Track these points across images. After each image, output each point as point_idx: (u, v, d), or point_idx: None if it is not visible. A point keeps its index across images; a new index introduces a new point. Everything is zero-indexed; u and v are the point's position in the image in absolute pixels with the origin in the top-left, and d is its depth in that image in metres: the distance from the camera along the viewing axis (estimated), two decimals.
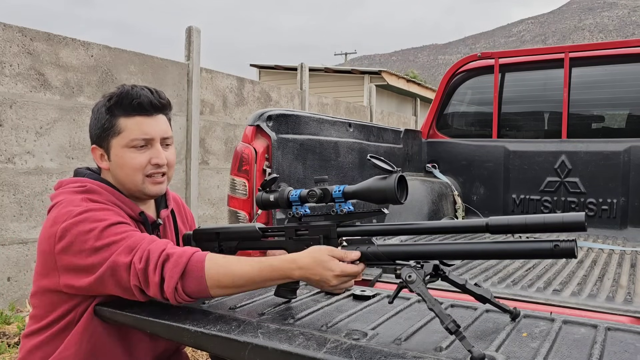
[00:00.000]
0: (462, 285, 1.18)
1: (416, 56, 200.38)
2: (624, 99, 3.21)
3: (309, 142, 2.26)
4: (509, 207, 3.23)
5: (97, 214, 1.34)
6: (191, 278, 1.23)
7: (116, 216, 1.36)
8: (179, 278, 1.23)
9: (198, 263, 1.24)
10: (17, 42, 3.92)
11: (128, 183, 1.47)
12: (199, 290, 1.24)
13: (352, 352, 1.02)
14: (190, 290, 1.24)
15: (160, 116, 1.49)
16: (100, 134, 1.46)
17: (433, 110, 3.58)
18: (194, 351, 3.11)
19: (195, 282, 1.23)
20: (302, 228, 1.32)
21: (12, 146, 3.87)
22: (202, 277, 1.23)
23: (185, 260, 1.24)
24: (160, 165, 1.47)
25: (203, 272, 1.23)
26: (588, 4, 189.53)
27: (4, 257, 3.80)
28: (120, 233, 1.30)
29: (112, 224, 1.32)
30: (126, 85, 1.48)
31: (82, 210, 1.34)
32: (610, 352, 1.03)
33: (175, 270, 1.23)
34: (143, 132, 1.44)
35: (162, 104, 1.49)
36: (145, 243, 1.28)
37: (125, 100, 1.43)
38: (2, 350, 3.06)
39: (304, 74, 7.55)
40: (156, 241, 1.30)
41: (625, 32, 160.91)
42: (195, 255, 1.26)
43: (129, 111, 1.44)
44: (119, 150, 1.45)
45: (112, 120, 1.44)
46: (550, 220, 1.00)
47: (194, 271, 1.23)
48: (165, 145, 1.50)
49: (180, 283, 1.23)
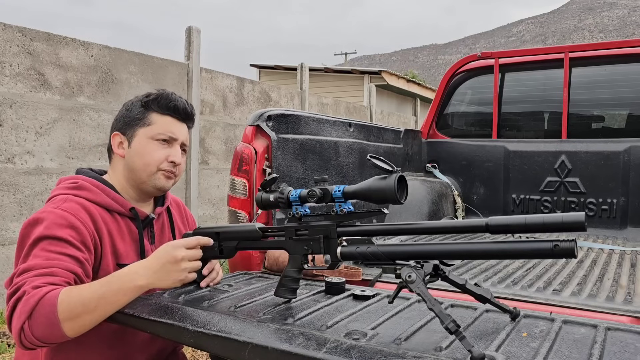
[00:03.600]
0: (462, 285, 1.18)
1: (416, 56, 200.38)
2: (624, 99, 3.20)
3: (309, 142, 2.26)
4: (509, 207, 3.23)
5: (53, 220, 1.34)
6: (40, 316, 1.18)
7: (68, 230, 1.34)
8: (26, 318, 1.18)
9: (50, 300, 1.19)
10: (17, 42, 3.92)
11: (141, 171, 1.52)
12: (50, 332, 1.19)
13: (352, 352, 1.02)
14: (39, 333, 1.19)
15: (185, 125, 1.61)
16: (129, 122, 1.54)
17: (433, 110, 3.58)
18: (194, 351, 3.11)
19: (44, 320, 1.18)
20: (302, 228, 1.32)
21: (12, 146, 3.87)
22: (53, 312, 1.18)
23: (36, 299, 1.19)
24: (176, 163, 1.55)
25: (55, 307, 1.19)
26: (588, 4, 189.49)
27: (4, 257, 3.80)
28: (47, 250, 1.30)
29: (51, 237, 1.31)
30: (167, 90, 1.59)
31: (48, 210, 1.37)
32: (610, 352, 1.03)
33: (24, 310, 1.18)
34: (170, 130, 1.54)
35: (192, 115, 1.62)
36: (33, 274, 1.24)
37: (163, 100, 1.55)
38: (2, 350, 3.06)
39: (303, 74, 7.55)
40: (40, 278, 1.24)
41: (625, 32, 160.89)
42: (49, 294, 1.20)
43: (163, 109, 1.55)
44: (143, 139, 1.52)
45: (145, 113, 1.54)
46: (550, 220, 1.00)
47: (44, 309, 1.18)
48: (183, 150, 1.60)
49: (28, 324, 1.18)
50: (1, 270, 3.79)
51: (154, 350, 1.54)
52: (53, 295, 1.21)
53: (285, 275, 1.34)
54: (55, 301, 1.20)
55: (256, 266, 1.91)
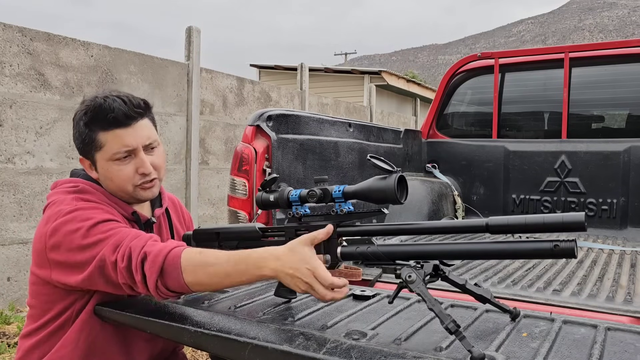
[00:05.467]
0: (462, 285, 1.18)
1: (416, 56, 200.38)
2: (624, 99, 3.21)
3: (309, 142, 2.25)
4: (509, 207, 3.23)
5: (86, 212, 1.35)
6: (169, 275, 1.24)
7: (104, 214, 1.37)
8: (157, 276, 1.23)
9: (175, 259, 1.24)
10: (17, 42, 3.92)
11: (119, 192, 1.48)
12: (179, 286, 1.25)
13: (352, 352, 1.02)
14: (171, 286, 1.25)
15: (139, 123, 1.45)
16: (84, 148, 1.46)
17: (433, 110, 3.58)
18: (194, 351, 3.11)
19: (173, 279, 1.24)
20: (302, 228, 1.32)
21: (12, 146, 3.87)
22: (179, 274, 1.23)
23: (161, 258, 1.24)
24: (147, 174, 1.46)
25: (180, 270, 1.23)
26: (588, 4, 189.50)
27: (4, 257, 3.80)
28: (107, 231, 1.31)
29: (99, 222, 1.32)
30: (98, 97, 1.44)
31: (72, 209, 1.35)
32: (610, 352, 1.03)
33: (153, 269, 1.23)
34: (123, 144, 1.42)
35: (137, 112, 1.44)
36: (128, 240, 1.29)
37: (100, 115, 1.41)
38: (2, 350, 3.06)
39: (303, 74, 7.55)
40: (139, 237, 1.30)
41: (625, 32, 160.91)
42: (171, 253, 1.25)
43: (105, 126, 1.41)
44: (104, 163, 1.45)
45: (92, 134, 1.43)
46: (550, 220, 1.00)
47: (171, 269, 1.24)
48: (150, 149, 1.48)
49: (160, 280, 1.24)
50: (1, 270, 3.79)
51: (155, 351, 1.54)
52: (176, 255, 1.24)
53: None
54: (179, 263, 1.23)
55: None
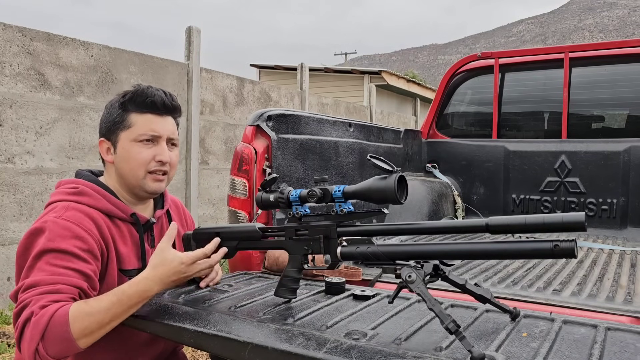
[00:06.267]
0: (462, 285, 1.18)
1: (416, 56, 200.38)
2: (624, 99, 3.21)
3: (309, 142, 2.25)
4: (509, 207, 3.23)
5: (55, 231, 1.32)
6: (53, 336, 1.18)
7: (73, 240, 1.33)
8: (39, 340, 1.17)
9: (61, 318, 1.19)
10: (17, 42, 3.92)
11: (130, 177, 1.49)
12: (65, 348, 1.20)
13: (352, 352, 1.02)
14: (54, 352, 1.19)
15: (169, 118, 1.54)
16: (111, 127, 1.50)
17: (433, 110, 3.58)
18: (194, 351, 3.11)
19: (59, 341, 1.18)
20: (302, 228, 1.32)
21: (12, 146, 3.87)
22: (66, 331, 1.18)
23: (46, 319, 1.18)
24: (164, 162, 1.50)
25: (67, 326, 1.19)
26: (588, 4, 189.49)
27: (4, 257, 3.81)
28: (52, 264, 1.28)
29: (55, 250, 1.29)
30: (143, 84, 1.52)
31: (51, 220, 1.34)
32: (610, 352, 1.03)
33: (35, 332, 1.17)
34: (152, 128, 1.48)
35: (174, 106, 1.54)
36: (38, 291, 1.23)
37: (140, 97, 1.48)
38: (2, 350, 3.06)
39: (303, 74, 7.55)
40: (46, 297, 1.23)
41: (625, 32, 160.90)
42: (57, 312, 1.20)
43: (141, 108, 1.48)
44: (126, 143, 1.48)
45: (124, 115, 1.48)
46: (550, 220, 1.00)
47: (56, 328, 1.18)
48: (171, 145, 1.54)
49: (42, 345, 1.18)
50: (1, 270, 3.79)
51: (155, 351, 1.53)
52: (63, 313, 1.20)
53: (285, 275, 1.34)
54: (67, 319, 1.19)
55: (256, 266, 1.91)
